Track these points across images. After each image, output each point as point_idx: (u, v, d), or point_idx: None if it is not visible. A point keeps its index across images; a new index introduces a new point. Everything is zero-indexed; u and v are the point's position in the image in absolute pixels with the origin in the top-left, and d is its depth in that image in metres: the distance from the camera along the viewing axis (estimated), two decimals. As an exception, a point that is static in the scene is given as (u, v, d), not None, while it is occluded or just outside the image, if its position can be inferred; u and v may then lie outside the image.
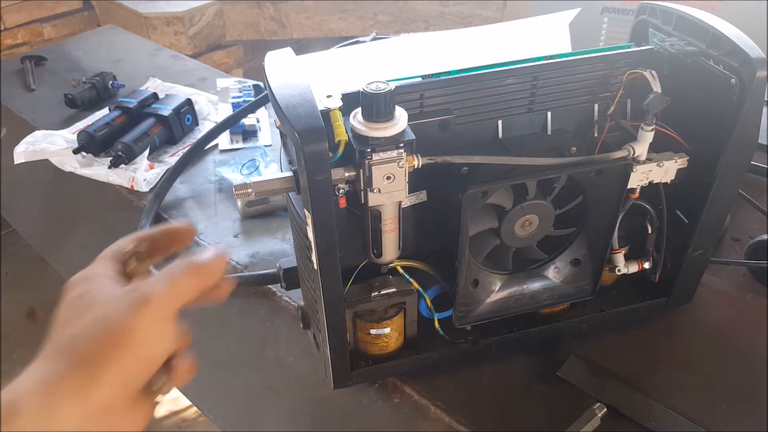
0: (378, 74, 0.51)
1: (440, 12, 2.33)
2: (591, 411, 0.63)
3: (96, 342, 0.38)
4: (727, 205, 0.65)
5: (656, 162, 0.61)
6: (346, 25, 2.44)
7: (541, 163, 0.57)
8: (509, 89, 0.58)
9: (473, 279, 0.63)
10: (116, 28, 1.80)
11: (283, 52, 0.57)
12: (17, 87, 1.42)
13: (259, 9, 2.46)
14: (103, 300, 0.40)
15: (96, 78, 1.33)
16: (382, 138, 0.50)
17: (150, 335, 0.39)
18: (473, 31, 0.69)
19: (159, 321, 0.39)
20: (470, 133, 0.59)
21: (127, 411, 0.39)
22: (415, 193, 0.58)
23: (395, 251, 0.59)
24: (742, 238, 0.86)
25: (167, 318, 0.40)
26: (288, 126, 0.48)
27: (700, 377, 0.69)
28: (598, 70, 0.60)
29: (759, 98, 0.56)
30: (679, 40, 0.61)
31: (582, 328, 0.72)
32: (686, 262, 0.68)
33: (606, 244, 0.64)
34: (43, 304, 2.11)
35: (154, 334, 0.39)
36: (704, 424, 0.63)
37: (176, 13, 2.33)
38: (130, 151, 1.08)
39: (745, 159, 0.61)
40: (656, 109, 0.57)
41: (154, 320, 0.39)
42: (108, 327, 0.38)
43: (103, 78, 1.33)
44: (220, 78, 1.40)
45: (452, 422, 0.65)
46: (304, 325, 0.71)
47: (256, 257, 0.89)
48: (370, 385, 0.70)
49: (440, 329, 0.66)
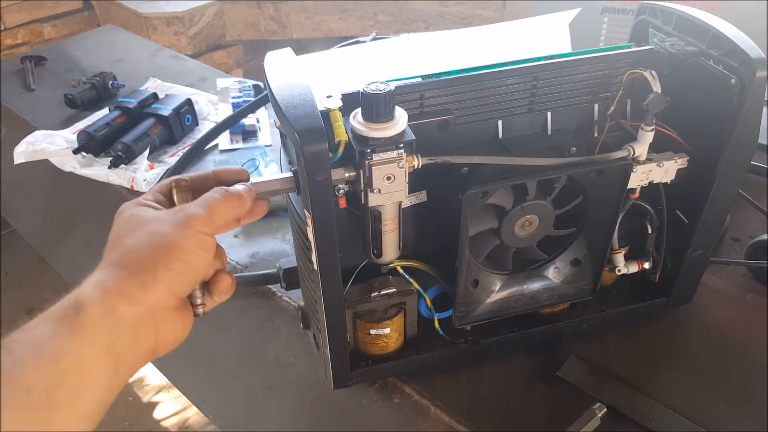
0: (378, 74, 0.51)
1: (440, 12, 2.33)
2: (591, 411, 0.63)
3: (147, 253, 0.43)
4: (727, 205, 0.65)
5: (656, 162, 0.61)
6: (346, 25, 2.44)
7: (541, 163, 0.57)
8: (509, 89, 0.58)
9: (473, 279, 0.63)
10: (116, 28, 1.80)
11: (283, 52, 0.57)
12: (17, 87, 1.42)
13: (259, 9, 2.46)
14: (150, 219, 0.45)
15: (96, 78, 1.33)
16: (382, 138, 0.50)
17: (192, 248, 0.45)
18: (473, 31, 0.69)
19: (199, 238, 0.45)
20: (470, 133, 0.59)
21: (174, 316, 0.45)
22: (415, 193, 0.58)
23: (395, 251, 0.59)
24: (742, 238, 0.86)
25: (206, 235, 0.46)
26: (288, 126, 0.48)
27: (700, 377, 0.69)
28: (598, 70, 0.60)
29: (759, 98, 0.56)
30: (679, 40, 0.61)
31: (582, 328, 0.72)
32: (686, 262, 0.68)
33: (606, 244, 0.64)
34: (43, 304, 2.10)
35: (196, 248, 0.45)
36: (704, 424, 0.63)
37: (176, 13, 2.33)
38: (130, 151, 1.08)
39: (745, 159, 0.61)
40: (656, 109, 0.57)
41: (196, 236, 0.45)
42: (157, 240, 0.44)
43: (103, 78, 1.33)
44: (220, 78, 1.40)
45: (452, 422, 0.65)
46: (304, 325, 0.71)
47: (256, 257, 0.89)
48: (370, 385, 0.70)
49: (440, 329, 0.66)
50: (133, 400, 1.89)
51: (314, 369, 0.75)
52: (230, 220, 0.49)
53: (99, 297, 0.41)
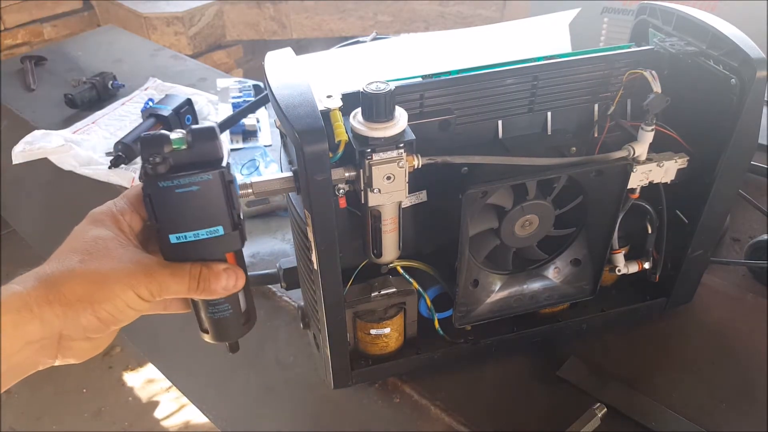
0: (378, 74, 0.51)
1: (440, 12, 2.33)
2: (591, 411, 0.63)
3: (84, 288, 0.43)
4: (727, 205, 0.65)
5: (656, 162, 0.61)
6: (346, 25, 2.44)
7: (541, 163, 0.57)
8: (509, 89, 0.58)
9: (473, 279, 0.63)
10: (116, 28, 1.80)
11: (283, 52, 0.57)
12: (17, 87, 1.42)
13: (259, 9, 2.46)
14: (106, 253, 0.44)
15: (96, 78, 1.33)
16: (382, 138, 0.50)
17: (123, 307, 0.44)
18: (473, 31, 0.69)
19: (136, 301, 0.44)
20: (470, 133, 0.59)
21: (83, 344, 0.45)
22: (415, 193, 0.58)
23: (395, 251, 0.59)
24: (742, 238, 0.86)
25: (144, 302, 0.45)
26: (288, 126, 0.48)
27: (700, 377, 0.69)
28: (598, 70, 0.60)
29: (759, 98, 0.56)
30: (679, 40, 0.61)
31: (582, 328, 0.72)
32: (686, 262, 0.68)
33: (606, 244, 0.64)
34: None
35: (127, 308, 0.44)
36: (704, 424, 0.63)
37: (176, 13, 2.33)
38: (130, 151, 1.08)
39: (745, 159, 0.61)
40: (656, 109, 0.57)
41: (132, 300, 0.44)
42: (98, 282, 0.43)
43: (103, 78, 1.33)
44: (220, 78, 1.40)
45: (452, 422, 0.65)
46: (304, 325, 0.71)
47: (256, 257, 0.89)
48: (370, 385, 0.70)
49: (440, 329, 0.66)
50: (133, 400, 1.89)
51: (314, 369, 0.75)
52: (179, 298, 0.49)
53: (15, 309, 0.41)
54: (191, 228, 0.46)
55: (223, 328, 0.51)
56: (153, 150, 0.44)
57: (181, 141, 0.45)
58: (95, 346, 0.47)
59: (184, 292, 0.46)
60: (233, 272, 0.48)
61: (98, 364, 1.97)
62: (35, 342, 0.42)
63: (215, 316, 0.50)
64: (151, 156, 0.44)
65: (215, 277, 0.47)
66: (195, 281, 0.46)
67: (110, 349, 2.01)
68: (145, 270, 0.45)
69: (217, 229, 0.46)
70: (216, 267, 0.47)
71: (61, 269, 0.43)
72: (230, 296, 0.49)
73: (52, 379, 1.91)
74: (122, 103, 1.31)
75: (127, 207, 0.48)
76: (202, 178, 0.44)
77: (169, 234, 0.45)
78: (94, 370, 1.95)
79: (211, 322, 0.51)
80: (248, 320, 0.53)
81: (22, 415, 1.83)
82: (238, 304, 0.51)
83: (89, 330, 0.44)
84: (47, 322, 0.42)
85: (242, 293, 0.51)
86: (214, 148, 0.45)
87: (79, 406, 1.86)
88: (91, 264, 0.44)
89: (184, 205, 0.45)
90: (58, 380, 1.91)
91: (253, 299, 0.53)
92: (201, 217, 0.46)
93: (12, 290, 0.42)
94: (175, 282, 0.45)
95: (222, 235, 0.47)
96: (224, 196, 0.45)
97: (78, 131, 1.21)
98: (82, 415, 1.84)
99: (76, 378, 1.93)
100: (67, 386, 1.91)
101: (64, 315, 0.42)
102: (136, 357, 1.97)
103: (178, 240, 0.46)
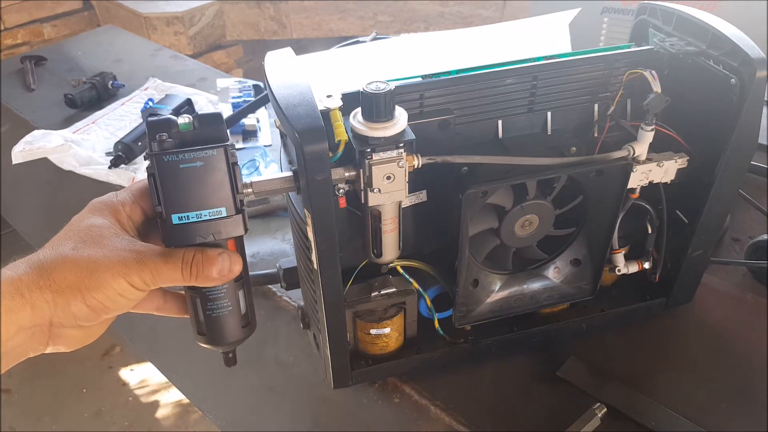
0: (378, 74, 0.51)
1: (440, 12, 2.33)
2: (591, 411, 0.63)
3: (76, 277, 0.42)
4: (727, 205, 0.65)
5: (656, 162, 0.61)
6: (346, 25, 2.44)
7: (541, 163, 0.57)
8: (509, 89, 0.58)
9: (473, 279, 0.63)
10: (116, 28, 1.80)
11: (283, 52, 0.57)
12: (17, 87, 1.42)
13: (259, 9, 2.46)
14: (101, 241, 0.44)
15: (96, 78, 1.33)
16: (382, 138, 0.50)
17: (114, 296, 0.44)
18: (473, 31, 0.69)
19: (128, 290, 0.44)
20: (470, 133, 0.59)
21: (75, 332, 0.45)
22: (415, 193, 0.58)
23: (395, 251, 0.59)
24: (742, 238, 0.86)
25: (138, 291, 0.45)
26: (288, 126, 0.48)
27: (700, 377, 0.69)
28: (598, 70, 0.60)
29: (759, 98, 0.56)
30: (679, 40, 0.61)
31: (582, 328, 0.72)
32: (686, 262, 0.68)
33: (606, 244, 0.64)
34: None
35: (118, 296, 0.44)
36: (704, 424, 0.63)
37: (176, 13, 2.33)
38: (130, 151, 1.08)
39: (745, 159, 0.61)
40: (656, 109, 0.57)
41: (125, 288, 0.44)
42: (91, 269, 0.43)
43: (103, 78, 1.33)
44: (220, 78, 1.41)
45: (452, 422, 0.65)
46: (304, 325, 0.71)
47: (256, 257, 0.89)
48: (370, 385, 0.70)
49: (440, 329, 0.66)
50: (133, 400, 1.89)
51: (314, 369, 0.75)
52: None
53: (8, 294, 0.41)
54: (194, 208, 0.45)
55: (221, 328, 0.50)
56: (160, 131, 0.44)
57: (188, 125, 0.45)
58: (87, 334, 0.46)
59: (178, 279, 0.45)
60: (228, 256, 0.47)
61: (98, 364, 1.97)
62: (27, 328, 0.42)
63: (213, 313, 0.49)
64: (158, 134, 0.44)
65: (209, 261, 0.46)
66: (188, 266, 0.45)
67: (110, 349, 2.01)
68: (137, 257, 0.44)
69: (220, 210, 0.46)
70: (211, 252, 0.46)
71: (53, 256, 0.43)
72: (229, 293, 0.49)
73: (52, 379, 1.91)
74: (122, 103, 1.31)
75: (128, 198, 0.48)
76: (207, 153, 0.45)
77: (172, 214, 0.45)
78: (94, 370, 1.95)
79: (208, 321, 0.50)
80: (247, 324, 0.52)
81: (22, 415, 1.83)
82: (238, 303, 0.50)
83: (80, 318, 0.43)
84: (38, 308, 0.42)
85: (242, 294, 0.51)
86: (219, 130, 0.46)
87: (78, 406, 1.86)
88: (84, 251, 0.43)
89: (188, 182, 0.45)
90: (58, 380, 1.91)
91: (254, 304, 0.53)
92: (204, 196, 0.45)
93: (4, 276, 0.42)
94: (168, 268, 0.45)
95: (224, 217, 0.46)
96: (228, 175, 0.45)
97: (78, 131, 1.21)
98: (81, 415, 1.84)
99: (76, 378, 1.93)
100: (66, 386, 1.91)
101: (54, 301, 0.42)
102: (136, 357, 1.97)
103: (180, 221, 0.45)
